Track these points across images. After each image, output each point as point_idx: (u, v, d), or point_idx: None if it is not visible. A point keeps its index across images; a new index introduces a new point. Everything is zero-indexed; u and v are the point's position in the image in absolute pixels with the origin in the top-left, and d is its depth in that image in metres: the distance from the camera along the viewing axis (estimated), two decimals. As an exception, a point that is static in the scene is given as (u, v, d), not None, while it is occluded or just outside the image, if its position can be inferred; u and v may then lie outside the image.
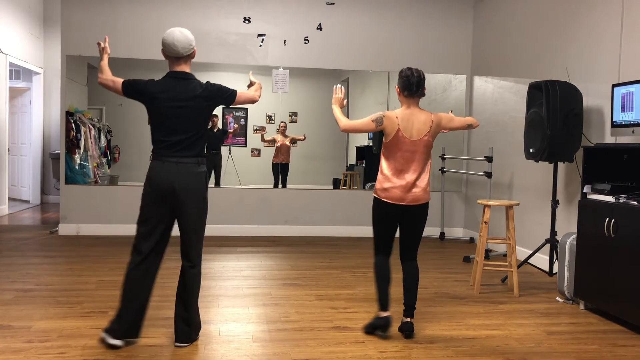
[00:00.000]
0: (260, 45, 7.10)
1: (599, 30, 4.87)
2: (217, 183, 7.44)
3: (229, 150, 7.66)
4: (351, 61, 7.27)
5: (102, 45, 3.31)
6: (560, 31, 5.42)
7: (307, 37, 7.17)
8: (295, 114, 7.63)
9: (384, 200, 3.41)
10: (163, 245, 3.25)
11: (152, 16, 6.88)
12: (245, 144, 7.71)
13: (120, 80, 3.21)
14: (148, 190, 3.17)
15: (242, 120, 7.69)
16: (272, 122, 7.61)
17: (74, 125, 6.95)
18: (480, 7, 7.19)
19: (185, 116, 3.14)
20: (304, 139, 7.61)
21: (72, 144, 6.93)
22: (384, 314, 3.43)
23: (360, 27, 7.25)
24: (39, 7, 9.55)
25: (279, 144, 7.56)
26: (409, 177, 3.39)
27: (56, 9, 9.40)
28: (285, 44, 7.14)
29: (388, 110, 3.48)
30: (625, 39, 4.56)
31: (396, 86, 3.50)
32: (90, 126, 7.23)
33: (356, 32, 7.25)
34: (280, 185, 7.55)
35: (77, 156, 7.00)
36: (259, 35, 7.09)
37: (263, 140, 7.60)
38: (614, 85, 4.20)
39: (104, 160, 7.45)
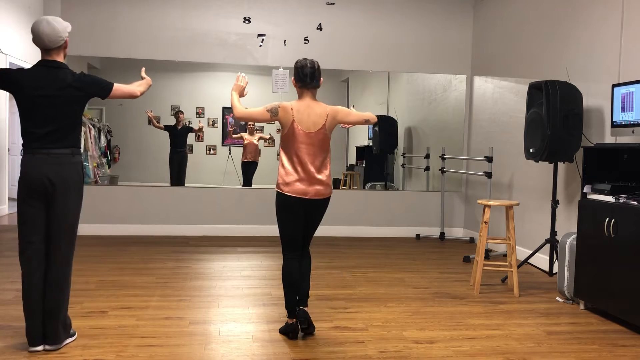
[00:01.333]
0: (260, 45, 7.10)
1: (599, 30, 4.87)
2: (182, 182, 7.41)
3: (229, 150, 7.66)
4: (351, 61, 7.28)
5: None
6: (560, 31, 5.42)
7: (307, 37, 7.17)
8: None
9: (287, 194, 3.34)
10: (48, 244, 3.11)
11: (152, 16, 6.88)
12: (230, 138, 7.72)
13: None
14: (22, 186, 3.04)
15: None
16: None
17: (73, 125, 6.95)
18: (480, 7, 7.19)
19: (56, 106, 3.02)
20: (270, 137, 7.71)
21: (72, 144, 6.92)
22: (291, 321, 3.40)
23: (360, 27, 7.25)
24: (39, 7, 9.55)
25: (246, 142, 7.61)
26: (309, 169, 3.34)
27: (56, 9, 9.40)
28: (285, 44, 7.14)
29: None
30: (625, 39, 4.56)
31: (292, 78, 3.45)
32: (90, 126, 7.23)
33: (356, 32, 7.25)
34: (246, 184, 7.58)
35: (77, 156, 6.99)
36: (259, 35, 7.09)
37: (230, 136, 7.66)
38: (614, 85, 4.20)
39: (104, 160, 7.45)
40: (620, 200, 3.75)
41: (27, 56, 8.99)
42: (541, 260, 5.47)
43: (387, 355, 3.15)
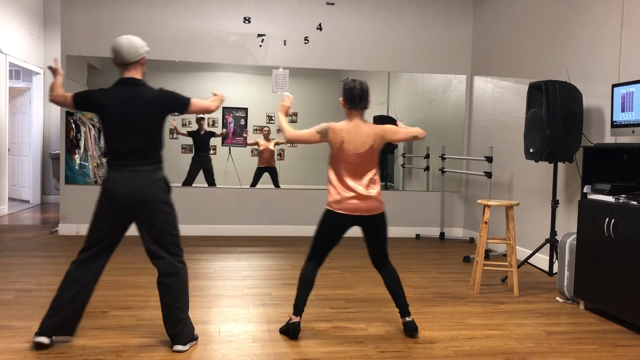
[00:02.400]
0: (260, 45, 7.10)
1: (599, 30, 4.87)
2: (211, 183, 7.41)
3: (229, 150, 7.66)
4: (351, 61, 7.28)
5: (54, 66, 3.27)
6: (560, 31, 5.42)
7: (307, 37, 7.17)
8: (295, 114, 7.63)
9: (338, 212, 3.38)
10: (109, 253, 3.27)
11: (152, 16, 6.88)
12: (245, 145, 7.71)
13: (70, 95, 3.19)
14: (103, 201, 3.13)
15: (242, 120, 7.69)
16: (272, 122, 7.61)
17: (74, 126, 6.96)
18: (480, 7, 7.19)
19: (137, 124, 3.09)
20: (286, 142, 7.67)
21: (72, 144, 6.93)
22: (295, 319, 3.39)
23: (360, 27, 7.26)
24: (39, 7, 9.55)
25: (261, 148, 7.57)
26: (359, 188, 3.38)
27: (56, 9, 9.40)
28: (285, 44, 7.14)
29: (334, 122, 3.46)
30: (625, 39, 4.56)
31: (340, 98, 3.45)
32: (90, 126, 7.23)
33: (356, 32, 7.25)
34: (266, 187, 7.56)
35: (77, 156, 7.00)
36: (259, 35, 7.09)
37: (245, 144, 7.61)
38: (614, 85, 4.20)
39: (104, 160, 7.45)
40: (620, 200, 3.75)
41: (27, 56, 8.99)
42: (541, 260, 5.47)
43: (387, 355, 3.15)
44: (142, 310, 3.83)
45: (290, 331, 3.38)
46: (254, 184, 7.53)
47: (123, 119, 3.08)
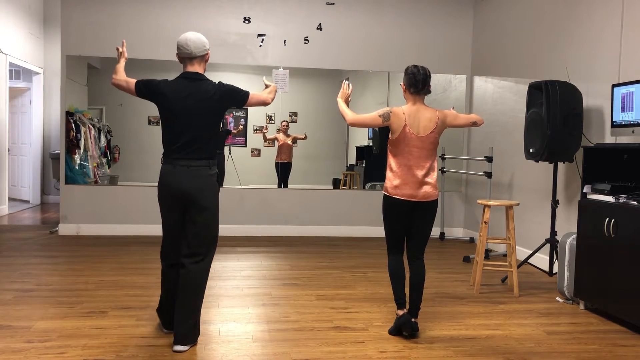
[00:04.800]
0: (260, 45, 7.10)
1: (599, 30, 4.87)
2: (221, 183, 7.43)
3: (229, 150, 7.66)
4: (351, 61, 7.28)
5: (121, 49, 3.40)
6: (560, 31, 5.42)
7: (307, 37, 7.17)
8: (295, 114, 7.63)
9: (395, 197, 3.42)
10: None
11: (152, 16, 6.88)
12: (245, 144, 7.70)
13: (133, 81, 3.24)
14: (161, 195, 3.20)
15: (242, 120, 7.69)
16: (272, 122, 7.61)
17: (74, 125, 6.95)
18: (480, 7, 7.19)
19: (197, 117, 3.13)
20: (305, 137, 7.61)
21: (72, 144, 6.93)
22: (401, 312, 3.44)
23: (360, 27, 7.26)
24: (39, 7, 9.55)
25: (280, 143, 7.55)
26: (419, 173, 3.41)
27: (56, 9, 9.40)
28: (285, 44, 7.14)
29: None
30: (625, 39, 4.56)
31: (402, 83, 3.52)
32: (90, 126, 7.23)
33: (356, 32, 7.25)
34: (282, 185, 7.54)
35: (77, 156, 7.00)
36: (259, 35, 7.09)
37: (265, 139, 7.60)
38: (614, 85, 4.20)
39: (104, 160, 7.45)
40: (620, 200, 3.75)
41: (27, 56, 8.99)
42: (541, 260, 5.47)
43: (387, 355, 3.15)
44: (142, 310, 3.83)
45: (402, 325, 3.39)
46: (280, 182, 7.51)
47: (181, 112, 3.12)
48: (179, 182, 3.11)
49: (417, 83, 3.44)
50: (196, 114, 3.12)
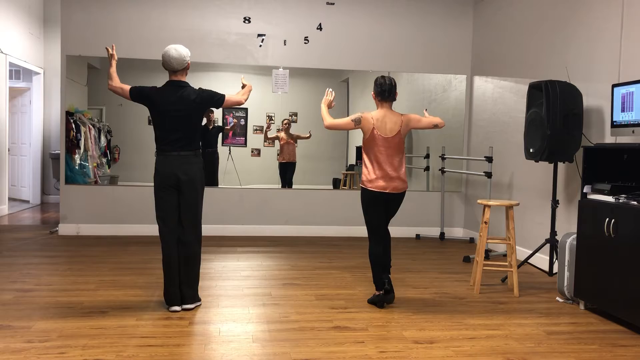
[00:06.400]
0: (260, 45, 7.10)
1: (599, 30, 4.87)
2: (215, 182, 7.39)
3: (229, 150, 7.66)
4: (351, 61, 7.28)
5: (110, 52, 3.92)
6: (560, 31, 5.42)
7: (307, 37, 7.17)
8: (296, 114, 7.63)
9: (371, 189, 3.97)
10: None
11: (152, 16, 6.88)
12: (245, 144, 7.70)
13: (127, 88, 3.83)
14: (156, 181, 3.78)
15: (242, 120, 7.69)
16: (272, 122, 7.61)
17: (74, 125, 6.95)
18: (480, 7, 7.19)
19: (183, 117, 3.76)
20: (310, 136, 7.56)
21: (72, 144, 6.93)
22: (379, 292, 4.04)
23: (360, 27, 7.26)
24: (39, 7, 9.55)
25: (282, 142, 7.51)
26: (388, 169, 3.95)
27: (56, 9, 9.41)
28: (285, 44, 7.14)
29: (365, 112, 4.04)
30: (625, 39, 4.56)
31: (372, 92, 4.03)
32: (90, 126, 7.23)
33: (356, 32, 7.25)
34: (286, 186, 7.49)
35: (77, 156, 7.00)
36: (259, 35, 7.09)
37: (266, 138, 7.55)
38: (614, 85, 4.20)
39: (104, 160, 7.45)
40: (620, 200, 3.75)
41: (27, 56, 8.99)
42: (541, 260, 5.47)
43: (387, 355, 3.15)
44: (142, 310, 3.84)
45: (377, 301, 4.02)
46: (283, 181, 7.45)
47: (170, 114, 3.75)
48: (171, 168, 3.74)
49: (384, 92, 3.99)
50: (182, 114, 3.75)
